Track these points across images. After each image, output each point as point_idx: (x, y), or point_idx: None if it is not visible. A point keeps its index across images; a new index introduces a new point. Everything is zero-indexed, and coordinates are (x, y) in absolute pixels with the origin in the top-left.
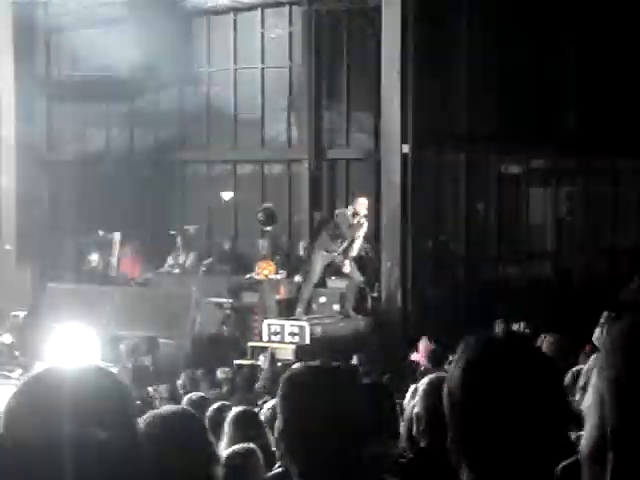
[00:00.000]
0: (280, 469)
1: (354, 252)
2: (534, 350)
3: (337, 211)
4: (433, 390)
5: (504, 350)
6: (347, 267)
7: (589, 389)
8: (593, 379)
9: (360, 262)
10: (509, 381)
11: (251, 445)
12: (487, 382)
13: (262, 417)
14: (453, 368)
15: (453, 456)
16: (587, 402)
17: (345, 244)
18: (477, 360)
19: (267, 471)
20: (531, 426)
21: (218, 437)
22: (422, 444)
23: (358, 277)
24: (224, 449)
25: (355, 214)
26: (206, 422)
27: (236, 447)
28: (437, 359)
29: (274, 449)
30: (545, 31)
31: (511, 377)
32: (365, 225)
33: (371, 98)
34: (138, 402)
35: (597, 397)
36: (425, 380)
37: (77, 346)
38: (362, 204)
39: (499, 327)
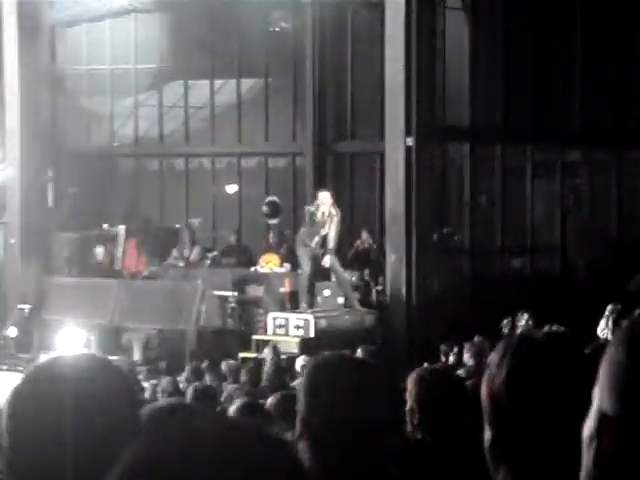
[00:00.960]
0: None
1: (331, 244)
2: (578, 351)
3: (305, 208)
4: (422, 383)
5: (549, 352)
6: (326, 262)
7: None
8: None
9: (364, 255)
10: (557, 384)
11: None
12: (535, 385)
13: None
14: (495, 370)
15: (492, 458)
16: (595, 389)
17: (317, 239)
18: (523, 363)
19: None
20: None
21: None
22: (418, 437)
23: (342, 272)
24: None
25: (317, 209)
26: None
27: None
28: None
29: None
30: (551, 23)
31: (558, 379)
32: (334, 215)
33: (375, 91)
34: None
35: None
36: (413, 374)
37: (80, 340)
38: (323, 198)
39: (521, 320)
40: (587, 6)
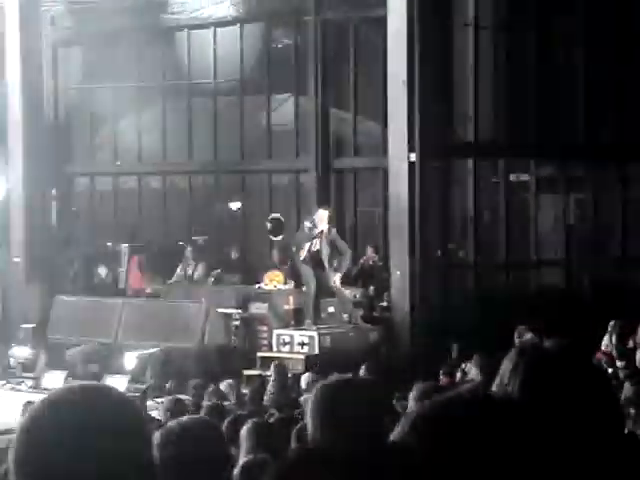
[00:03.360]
0: None
1: (325, 264)
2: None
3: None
4: (423, 397)
5: (560, 362)
6: (336, 281)
7: None
8: None
9: (369, 271)
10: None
11: (265, 455)
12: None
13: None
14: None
15: None
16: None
17: (302, 253)
18: (537, 372)
19: None
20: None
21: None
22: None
23: (343, 294)
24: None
25: (313, 227)
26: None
27: (250, 457)
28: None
29: None
30: (554, 38)
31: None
32: (326, 235)
33: (378, 107)
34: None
35: None
36: (416, 388)
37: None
38: (320, 217)
39: (519, 334)
40: (590, 22)
